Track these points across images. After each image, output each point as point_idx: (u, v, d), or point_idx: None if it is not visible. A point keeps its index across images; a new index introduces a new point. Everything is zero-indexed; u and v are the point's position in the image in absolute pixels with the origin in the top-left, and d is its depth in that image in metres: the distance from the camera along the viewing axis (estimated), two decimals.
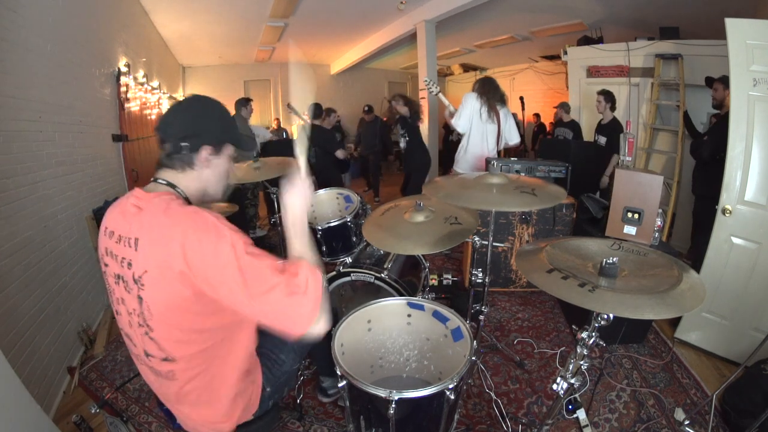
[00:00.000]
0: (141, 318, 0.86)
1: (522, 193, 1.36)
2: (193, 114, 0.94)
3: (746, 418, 1.52)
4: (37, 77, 2.13)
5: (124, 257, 0.85)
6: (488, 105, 2.91)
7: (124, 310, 0.90)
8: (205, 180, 0.97)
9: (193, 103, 0.97)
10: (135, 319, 0.88)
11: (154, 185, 0.94)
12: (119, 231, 0.87)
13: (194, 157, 0.93)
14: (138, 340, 0.91)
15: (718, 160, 2.03)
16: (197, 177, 0.95)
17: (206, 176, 0.97)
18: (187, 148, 0.91)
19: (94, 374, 2.10)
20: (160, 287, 0.82)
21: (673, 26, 3.88)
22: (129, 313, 0.89)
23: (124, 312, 0.91)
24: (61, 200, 2.28)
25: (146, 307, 0.84)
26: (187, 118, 0.93)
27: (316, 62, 8.99)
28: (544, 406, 1.81)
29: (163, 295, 0.82)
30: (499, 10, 4.89)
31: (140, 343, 0.91)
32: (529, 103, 7.51)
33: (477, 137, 2.98)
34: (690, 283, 0.90)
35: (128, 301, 0.88)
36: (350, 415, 1.27)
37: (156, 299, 0.83)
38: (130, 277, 0.85)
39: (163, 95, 5.43)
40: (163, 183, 0.93)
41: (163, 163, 0.94)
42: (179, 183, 0.94)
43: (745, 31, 1.87)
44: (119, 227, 0.87)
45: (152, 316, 0.85)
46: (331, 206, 2.60)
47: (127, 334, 0.94)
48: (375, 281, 1.87)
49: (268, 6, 4.90)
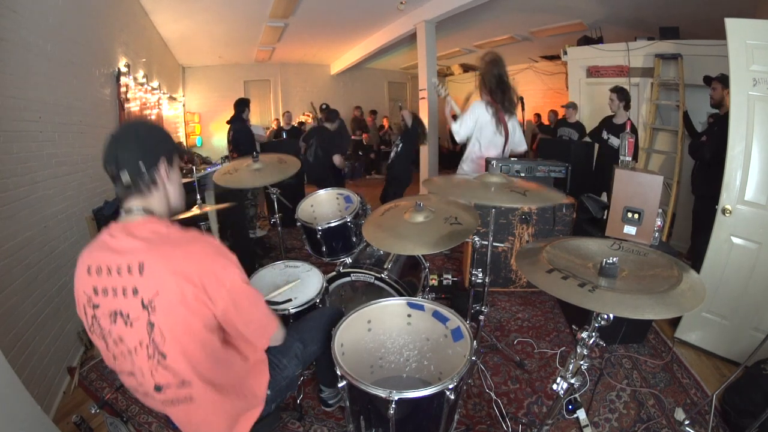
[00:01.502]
0: (152, 347, 0.86)
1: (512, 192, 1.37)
2: (134, 137, 0.94)
3: (746, 418, 1.52)
4: (37, 77, 2.13)
5: (126, 286, 0.84)
6: (497, 117, 2.67)
7: (124, 349, 0.89)
8: (170, 195, 0.99)
9: (127, 130, 0.97)
10: (142, 354, 0.87)
11: (130, 216, 0.92)
12: (111, 264, 0.86)
13: (155, 174, 0.93)
14: (147, 375, 0.89)
15: (719, 161, 2.02)
16: (163, 194, 0.97)
17: (169, 191, 0.99)
18: (146, 166, 0.91)
19: (94, 374, 2.10)
20: (172, 307, 0.84)
21: (673, 26, 3.88)
22: (131, 351, 0.88)
23: (125, 352, 0.89)
24: (61, 200, 2.28)
25: (158, 332, 0.85)
26: (132, 143, 0.93)
27: (316, 62, 8.99)
28: (544, 406, 1.81)
29: (176, 315, 0.85)
30: (499, 10, 4.89)
31: (149, 377, 0.89)
32: (529, 103, 7.51)
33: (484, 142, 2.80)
34: (690, 283, 0.90)
35: (131, 336, 0.87)
36: (350, 415, 1.27)
37: (169, 320, 0.85)
38: (137, 305, 0.84)
39: (163, 95, 5.43)
40: (139, 210, 0.92)
41: (126, 193, 0.92)
42: (151, 206, 0.94)
43: (745, 31, 1.87)
44: (109, 260, 0.86)
45: (165, 340, 0.85)
46: (331, 206, 2.60)
47: (131, 372, 0.92)
48: (375, 281, 1.88)
49: (268, 6, 4.90)
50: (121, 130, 0.95)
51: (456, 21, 5.26)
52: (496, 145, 2.80)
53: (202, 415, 0.96)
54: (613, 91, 3.41)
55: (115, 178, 0.90)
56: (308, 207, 2.55)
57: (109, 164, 0.90)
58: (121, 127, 0.97)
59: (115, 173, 0.90)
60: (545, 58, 7.49)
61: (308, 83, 9.20)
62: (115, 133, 0.93)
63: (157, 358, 0.87)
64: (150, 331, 0.85)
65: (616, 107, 3.41)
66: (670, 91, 3.88)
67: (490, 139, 2.76)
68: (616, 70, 4.22)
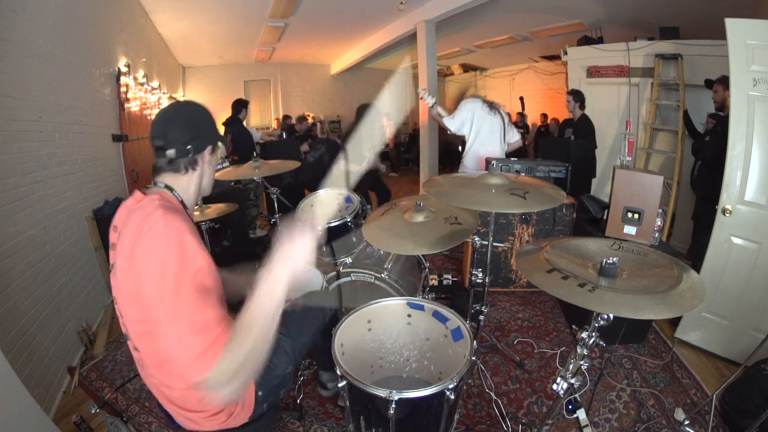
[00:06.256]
0: (116, 303, 0.95)
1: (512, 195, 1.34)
2: (189, 119, 0.99)
3: (746, 418, 1.52)
4: (37, 77, 2.13)
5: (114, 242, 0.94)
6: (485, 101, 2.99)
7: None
8: (205, 177, 1.05)
9: (182, 111, 1.02)
10: (117, 307, 0.96)
11: (153, 188, 0.99)
12: (116, 222, 0.96)
13: (198, 158, 0.99)
14: (123, 327, 0.97)
15: (722, 162, 2.01)
16: (198, 176, 1.02)
17: (205, 176, 1.05)
18: (192, 150, 0.97)
19: (94, 374, 2.10)
20: (122, 275, 0.90)
21: (673, 26, 3.88)
22: (114, 298, 0.96)
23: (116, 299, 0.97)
24: (61, 200, 2.28)
25: (117, 298, 0.94)
26: (185, 123, 0.97)
27: (316, 62, 8.99)
28: (544, 406, 1.81)
29: (123, 283, 0.90)
30: (499, 10, 4.89)
31: (123, 329, 0.97)
32: (529, 103, 7.51)
33: (484, 134, 2.97)
34: (690, 283, 0.90)
35: (114, 289, 0.94)
36: (350, 415, 1.27)
37: (121, 292, 0.91)
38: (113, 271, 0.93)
39: (163, 95, 5.43)
40: (161, 186, 0.98)
41: (163, 168, 0.98)
42: (177, 185, 0.99)
43: (745, 31, 1.87)
44: (117, 219, 0.97)
45: (118, 303, 0.94)
46: (332, 206, 2.60)
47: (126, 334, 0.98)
48: (375, 281, 1.88)
49: (268, 6, 4.90)
50: (176, 108, 1.00)
51: (456, 21, 5.26)
52: (496, 125, 3.01)
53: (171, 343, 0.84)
54: (569, 94, 3.77)
55: (159, 150, 0.95)
56: (308, 207, 2.55)
57: (158, 138, 0.94)
58: (176, 106, 1.02)
59: (160, 146, 0.94)
60: (545, 58, 7.50)
61: (308, 83, 9.20)
62: (170, 111, 0.98)
63: (120, 314, 0.95)
64: (114, 289, 0.94)
65: (572, 107, 3.72)
66: (670, 91, 3.88)
67: (489, 127, 2.98)
68: (616, 70, 4.22)
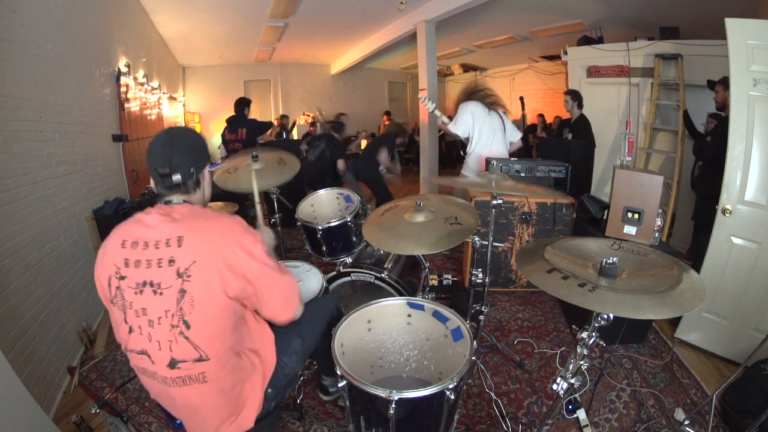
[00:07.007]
0: (178, 315, 0.92)
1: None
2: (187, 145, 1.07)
3: (746, 418, 1.52)
4: (37, 77, 2.13)
5: (162, 257, 0.93)
6: (483, 102, 2.98)
7: (145, 321, 0.92)
8: (206, 192, 1.16)
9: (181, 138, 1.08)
10: (165, 324, 0.91)
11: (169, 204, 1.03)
12: (149, 238, 0.95)
13: (200, 177, 1.09)
14: (164, 349, 0.93)
15: (723, 162, 2.01)
16: (202, 191, 1.12)
17: (206, 189, 1.15)
18: (196, 171, 1.06)
19: (94, 374, 2.10)
20: (207, 274, 0.92)
21: (673, 26, 3.87)
22: (152, 321, 0.92)
23: (144, 324, 0.93)
24: (61, 200, 2.28)
25: (188, 300, 0.91)
26: (186, 149, 1.06)
27: (316, 62, 8.99)
28: (544, 406, 1.81)
29: (209, 282, 0.92)
30: (499, 10, 4.89)
31: (166, 351, 0.93)
32: (529, 103, 7.50)
33: (486, 134, 2.97)
34: (690, 283, 0.90)
35: (157, 305, 0.92)
36: (350, 415, 1.27)
37: (201, 287, 0.92)
38: (171, 274, 0.92)
39: (163, 95, 5.43)
40: (179, 200, 1.04)
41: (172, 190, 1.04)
42: (191, 200, 1.08)
43: (745, 31, 1.87)
44: (147, 235, 0.95)
45: (193, 308, 0.92)
46: (332, 206, 2.60)
47: (143, 351, 0.95)
48: (375, 281, 1.88)
49: (268, 6, 4.90)
50: (174, 136, 1.07)
51: (456, 21, 5.25)
52: (497, 125, 3.00)
53: (209, 396, 0.98)
54: (567, 94, 3.78)
55: (165, 177, 1.01)
56: (308, 207, 2.55)
57: (162, 166, 1.00)
58: (174, 133, 1.08)
59: (166, 173, 1.01)
60: (545, 58, 7.49)
61: (308, 83, 9.19)
62: (168, 138, 1.05)
63: (180, 327, 0.92)
64: (180, 298, 0.91)
65: (570, 107, 3.73)
66: (670, 91, 3.87)
67: (489, 127, 2.98)
68: (616, 70, 4.22)
